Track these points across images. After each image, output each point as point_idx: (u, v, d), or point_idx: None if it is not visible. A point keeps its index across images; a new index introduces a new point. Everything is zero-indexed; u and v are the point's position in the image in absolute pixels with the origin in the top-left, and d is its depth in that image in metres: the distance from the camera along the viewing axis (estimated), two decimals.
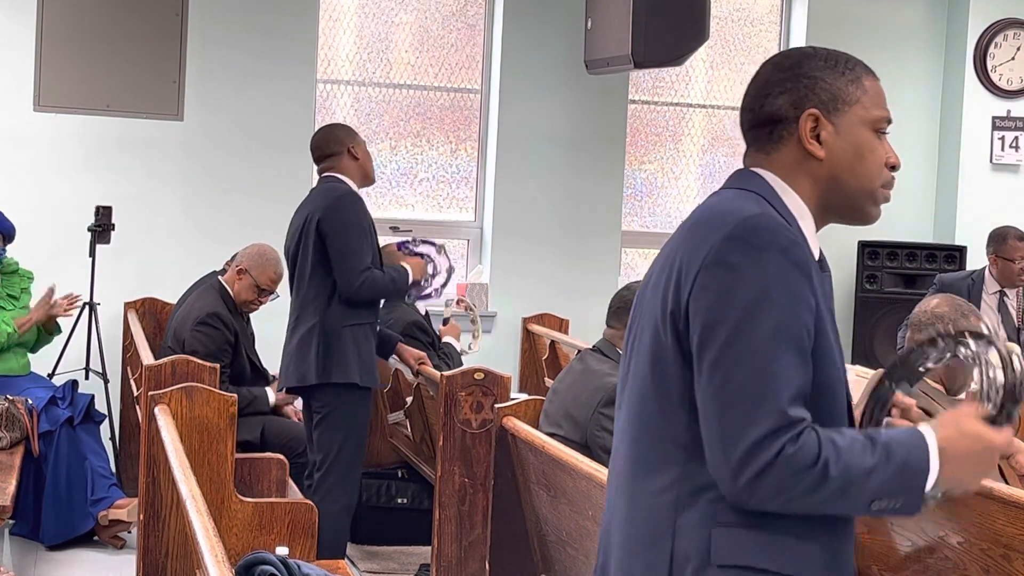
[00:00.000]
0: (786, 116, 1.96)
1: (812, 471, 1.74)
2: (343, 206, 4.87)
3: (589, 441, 3.95)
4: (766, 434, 1.74)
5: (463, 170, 7.46)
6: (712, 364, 1.79)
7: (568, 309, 7.20)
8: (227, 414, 3.99)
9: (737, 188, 1.96)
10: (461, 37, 7.39)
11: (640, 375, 1.92)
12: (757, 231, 1.82)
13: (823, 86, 1.95)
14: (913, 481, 1.79)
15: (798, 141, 1.95)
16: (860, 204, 1.98)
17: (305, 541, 3.64)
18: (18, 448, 5.45)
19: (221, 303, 5.69)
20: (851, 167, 1.95)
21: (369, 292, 4.87)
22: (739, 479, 1.75)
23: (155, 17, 6.69)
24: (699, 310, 1.81)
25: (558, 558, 4.02)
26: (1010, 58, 7.88)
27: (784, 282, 1.79)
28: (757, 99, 1.99)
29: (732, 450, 1.75)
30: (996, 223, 6.90)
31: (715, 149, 7.92)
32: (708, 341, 1.79)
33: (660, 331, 1.87)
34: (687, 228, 1.92)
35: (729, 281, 1.79)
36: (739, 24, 7.87)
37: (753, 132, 2.00)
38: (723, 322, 1.78)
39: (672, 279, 1.87)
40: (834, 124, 1.95)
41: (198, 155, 6.79)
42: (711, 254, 1.82)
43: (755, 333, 1.77)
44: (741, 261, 1.80)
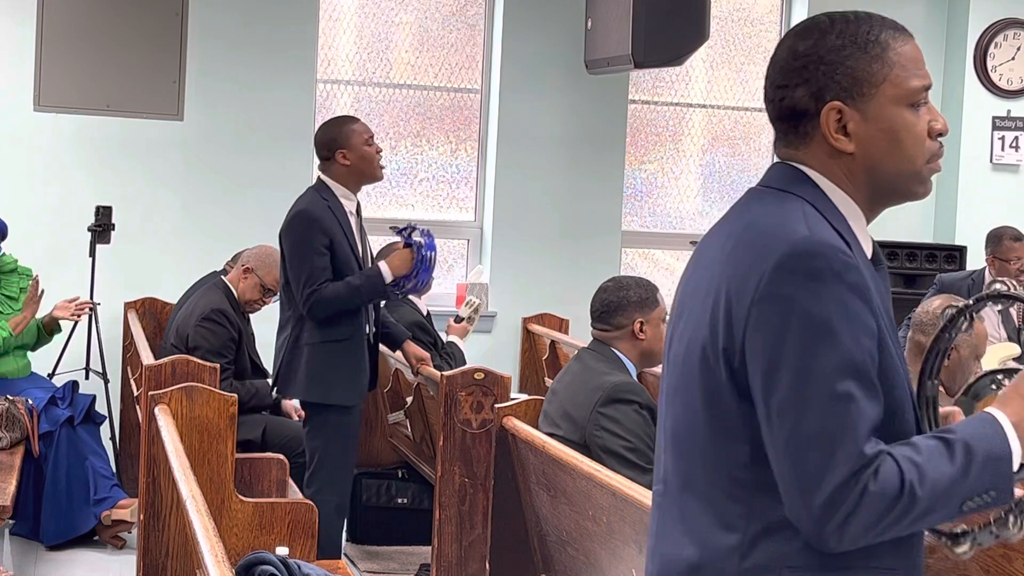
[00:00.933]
0: (807, 109, 1.80)
1: (900, 500, 1.65)
2: (291, 228, 4.83)
3: (588, 441, 3.95)
4: (846, 478, 1.64)
5: (463, 170, 7.46)
6: (779, 408, 1.67)
7: (568, 309, 7.20)
8: (227, 414, 3.99)
9: (780, 190, 1.82)
10: (461, 37, 7.39)
11: (690, 407, 1.80)
12: (808, 257, 1.68)
13: (843, 71, 1.78)
14: (1001, 469, 1.70)
15: (824, 136, 1.80)
16: (906, 187, 1.83)
17: (305, 541, 3.64)
18: (18, 448, 5.45)
19: (226, 301, 5.71)
20: (886, 154, 1.80)
21: (324, 309, 4.76)
22: (826, 527, 1.65)
23: (155, 17, 6.69)
24: (757, 350, 1.69)
25: (558, 558, 4.02)
26: (1010, 58, 7.88)
27: (843, 311, 1.67)
28: (777, 90, 1.83)
29: (813, 499, 1.65)
30: (996, 223, 6.91)
31: (715, 149, 7.91)
32: (772, 383, 1.67)
33: (712, 366, 1.75)
34: (730, 250, 1.77)
35: (785, 316, 1.67)
36: (739, 24, 7.87)
37: (779, 124, 1.85)
38: (785, 362, 1.66)
39: (720, 311, 1.74)
40: (861, 111, 1.78)
41: (198, 155, 6.79)
42: (762, 287, 1.69)
43: (820, 372, 1.65)
44: (795, 293, 1.67)
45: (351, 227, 4.93)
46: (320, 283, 4.76)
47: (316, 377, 4.82)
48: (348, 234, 4.89)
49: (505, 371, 4.83)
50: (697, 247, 1.93)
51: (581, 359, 4.22)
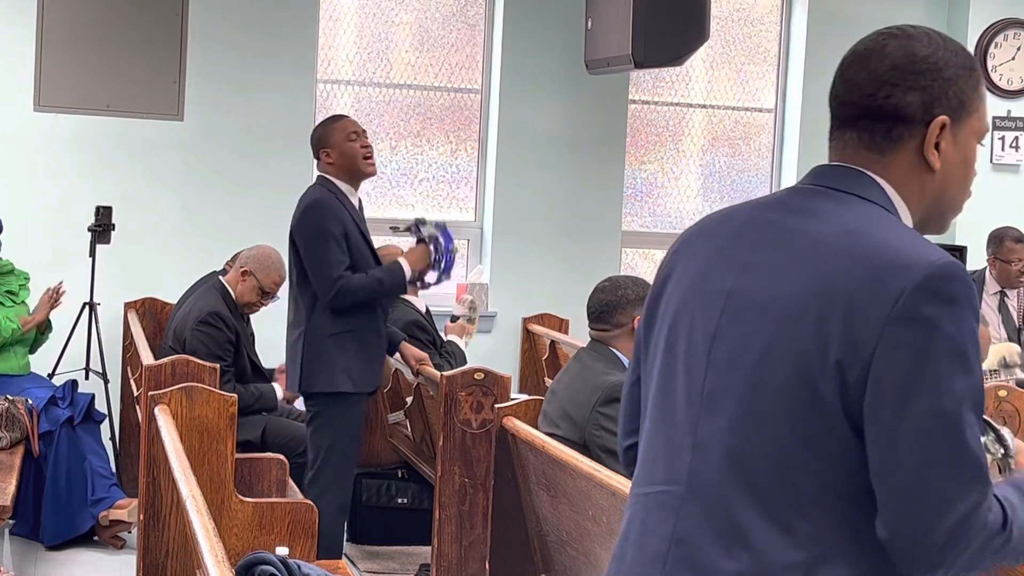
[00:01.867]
0: (913, 116, 1.74)
1: (1002, 535, 1.64)
2: (308, 217, 4.83)
3: (587, 440, 3.95)
4: (973, 507, 1.61)
5: (463, 170, 7.46)
6: (911, 432, 1.61)
7: (568, 309, 7.19)
8: (227, 414, 3.99)
9: (855, 195, 1.75)
10: (461, 37, 7.39)
11: (761, 416, 1.70)
12: (951, 281, 1.63)
13: (955, 90, 1.75)
14: None
15: (917, 147, 1.75)
16: (947, 217, 1.83)
17: (305, 541, 3.64)
18: (18, 448, 5.46)
19: (222, 303, 5.69)
20: (957, 181, 1.79)
21: (347, 299, 4.80)
22: (947, 555, 1.61)
23: (155, 17, 6.69)
24: (889, 369, 1.62)
25: (558, 558, 4.02)
26: (1010, 58, 7.88)
27: (974, 338, 1.64)
28: (881, 85, 1.75)
29: (937, 526, 1.61)
30: (996, 223, 6.90)
31: (715, 149, 7.91)
32: (904, 406, 1.61)
33: (814, 379, 1.66)
34: (833, 254, 1.69)
35: (927, 340, 1.61)
36: (739, 24, 7.87)
37: (865, 122, 1.77)
38: (923, 386, 1.61)
39: (834, 323, 1.65)
40: (954, 134, 1.76)
41: (198, 155, 6.79)
42: (900, 306, 1.62)
43: (957, 399, 1.61)
44: (938, 317, 1.61)
45: (361, 218, 4.97)
46: (343, 270, 4.79)
47: (342, 366, 4.84)
48: (360, 224, 4.94)
49: (505, 371, 4.83)
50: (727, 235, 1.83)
51: (580, 359, 4.22)
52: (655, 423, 1.85)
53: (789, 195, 1.82)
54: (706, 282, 1.80)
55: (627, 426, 2.00)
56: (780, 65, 7.91)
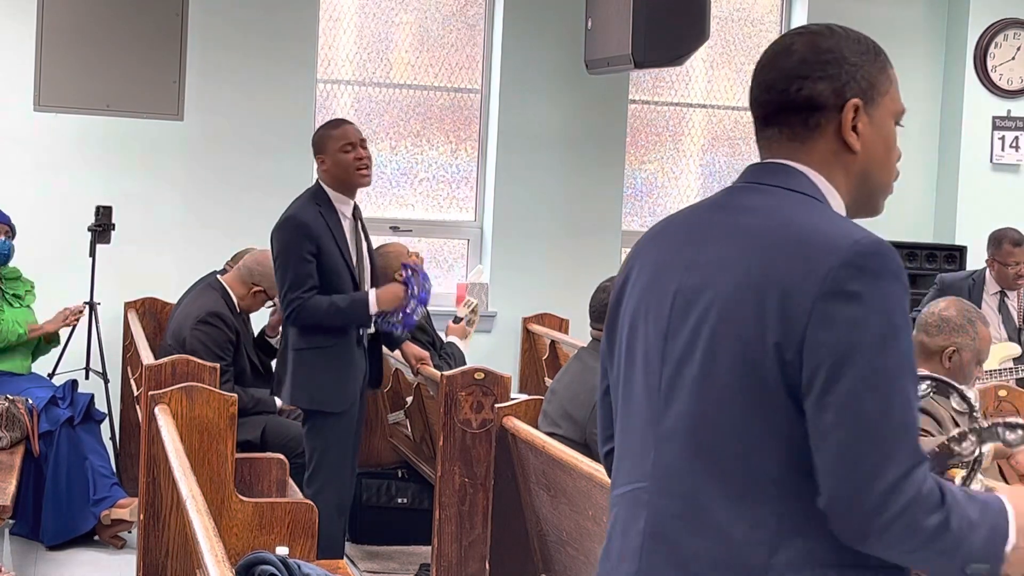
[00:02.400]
0: (826, 103, 1.83)
1: (938, 513, 1.66)
2: (280, 232, 4.83)
3: (588, 440, 3.95)
4: (905, 472, 1.66)
5: (463, 170, 7.46)
6: (842, 402, 1.67)
7: (568, 309, 7.19)
8: (227, 414, 3.99)
9: (782, 188, 1.84)
10: (461, 37, 7.39)
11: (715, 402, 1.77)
12: (875, 256, 1.71)
13: (863, 73, 1.84)
14: (999, 545, 1.71)
15: (835, 132, 1.84)
16: (878, 198, 1.91)
17: (305, 541, 3.64)
18: (18, 448, 5.46)
19: (222, 302, 5.69)
20: (881, 162, 1.87)
21: (302, 319, 4.75)
22: (873, 522, 1.66)
23: (155, 17, 6.69)
24: (822, 345, 1.69)
25: (558, 558, 4.02)
26: (1010, 58, 7.88)
27: (902, 310, 1.71)
28: (791, 80, 1.85)
29: (869, 491, 1.65)
30: (996, 223, 6.90)
31: (715, 149, 7.92)
32: (836, 378, 1.67)
33: (757, 363, 1.73)
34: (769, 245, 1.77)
35: (854, 313, 1.68)
36: (739, 24, 7.87)
37: (782, 116, 1.86)
38: (853, 358, 1.67)
39: (773, 308, 1.72)
40: (869, 115, 1.85)
41: (198, 155, 6.79)
42: (828, 283, 1.69)
43: (887, 368, 1.67)
44: (864, 291, 1.69)
45: (343, 233, 4.87)
46: (304, 290, 4.73)
47: (303, 382, 4.82)
48: (340, 241, 4.84)
49: (505, 371, 4.83)
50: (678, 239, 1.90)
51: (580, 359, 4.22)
52: (622, 426, 1.94)
53: (726, 194, 1.91)
54: (656, 286, 1.89)
55: (604, 432, 2.08)
56: None
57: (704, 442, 1.78)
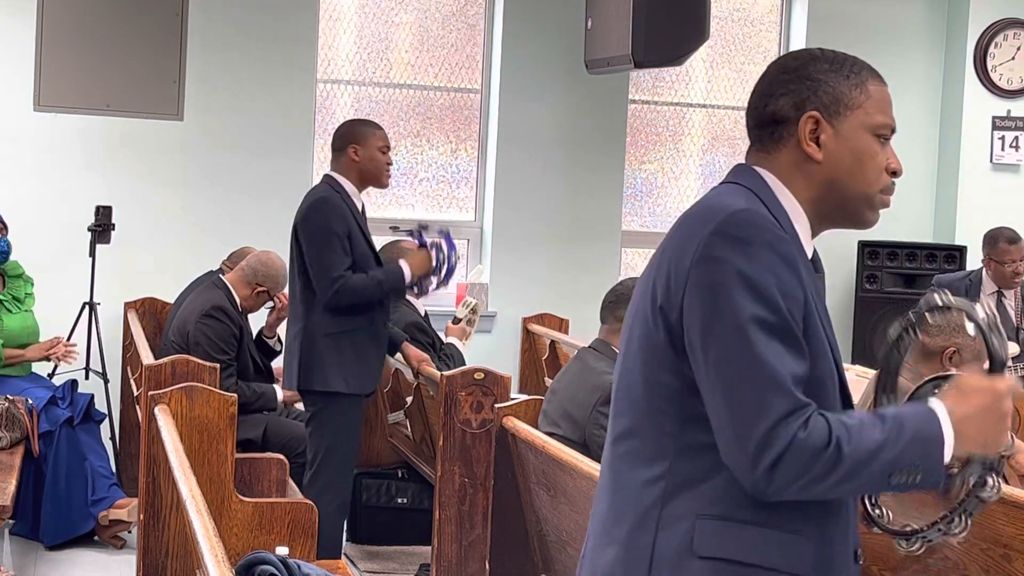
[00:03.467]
0: (787, 117, 1.97)
1: (826, 452, 1.76)
2: (314, 214, 4.84)
3: (588, 440, 3.95)
4: (778, 419, 1.76)
5: (463, 170, 7.46)
6: (715, 360, 1.81)
7: (568, 309, 7.20)
8: (227, 414, 3.99)
9: (731, 183, 1.99)
10: (461, 37, 7.39)
11: (631, 369, 1.95)
12: (743, 225, 1.84)
13: (826, 89, 1.96)
14: (929, 450, 1.81)
15: (797, 142, 1.96)
16: (856, 209, 1.99)
17: (305, 541, 3.64)
18: (18, 448, 5.45)
19: (225, 299, 5.70)
20: (849, 172, 1.96)
21: (346, 299, 4.80)
22: (757, 468, 1.77)
23: (155, 17, 6.69)
24: (692, 306, 1.84)
25: (558, 558, 4.02)
26: (1010, 58, 7.88)
27: (772, 274, 1.82)
28: (761, 99, 2.00)
29: (747, 441, 1.77)
30: (996, 223, 6.90)
31: (715, 149, 7.92)
32: (706, 337, 1.82)
33: (650, 325, 1.90)
34: (677, 224, 1.96)
35: (718, 275, 1.82)
36: (739, 24, 7.87)
37: (755, 131, 2.02)
38: (717, 317, 1.81)
39: (662, 273, 1.90)
40: (834, 127, 1.95)
41: (198, 155, 6.79)
42: (699, 249, 1.85)
43: (750, 324, 1.79)
44: (728, 255, 1.82)
45: (365, 221, 4.98)
46: (345, 269, 4.80)
47: (338, 367, 4.84)
48: (363, 227, 4.94)
49: (505, 371, 4.83)
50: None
51: (581, 359, 4.22)
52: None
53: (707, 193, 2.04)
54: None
55: None
56: None
57: (629, 407, 1.96)
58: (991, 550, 2.77)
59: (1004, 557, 2.75)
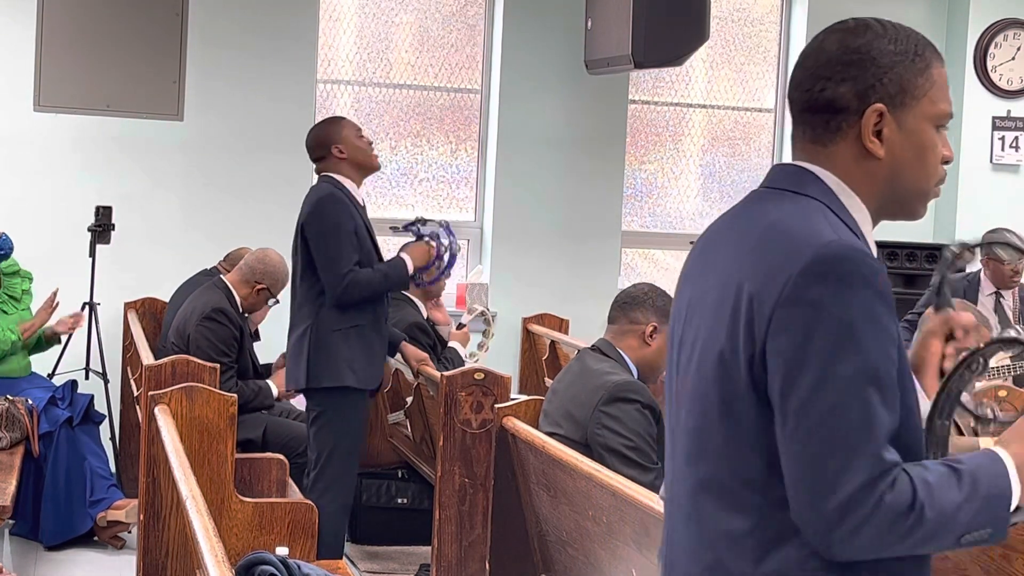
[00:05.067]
0: (848, 107, 1.78)
1: (910, 516, 1.64)
2: (322, 210, 4.85)
3: (589, 440, 3.95)
4: (864, 483, 1.63)
5: (463, 170, 7.46)
6: (798, 410, 1.66)
7: (568, 309, 7.20)
8: (227, 414, 3.99)
9: (794, 192, 1.80)
10: (461, 37, 7.39)
11: (706, 413, 1.78)
12: (839, 261, 1.67)
13: (892, 77, 1.78)
14: (1000, 509, 1.70)
15: (857, 136, 1.78)
16: (913, 203, 1.85)
17: (305, 541, 3.64)
18: (18, 448, 5.46)
19: (225, 300, 5.70)
20: (911, 167, 1.80)
21: (356, 293, 4.82)
22: (836, 532, 1.64)
23: (155, 17, 6.69)
24: (780, 352, 1.67)
25: (558, 558, 4.02)
26: (1010, 58, 7.88)
27: (870, 317, 1.66)
28: (816, 79, 1.80)
29: (826, 502, 1.64)
30: (996, 223, 6.90)
31: (715, 149, 7.92)
32: (792, 386, 1.66)
33: (730, 368, 1.73)
34: (747, 251, 1.76)
35: (811, 320, 1.65)
36: (739, 24, 7.87)
37: (806, 116, 1.82)
38: (808, 365, 1.65)
39: (742, 312, 1.72)
40: (898, 120, 1.78)
41: (198, 155, 6.79)
42: (788, 289, 1.67)
43: (843, 376, 1.64)
44: (823, 297, 1.65)
45: (367, 217, 4.99)
46: (353, 264, 4.82)
47: (347, 362, 4.85)
48: (367, 223, 4.96)
49: (505, 371, 4.83)
50: (698, 249, 1.92)
51: (582, 359, 4.22)
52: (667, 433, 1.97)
53: (746, 200, 1.89)
54: (679, 298, 1.92)
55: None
56: (780, 65, 7.91)
57: (698, 450, 1.80)
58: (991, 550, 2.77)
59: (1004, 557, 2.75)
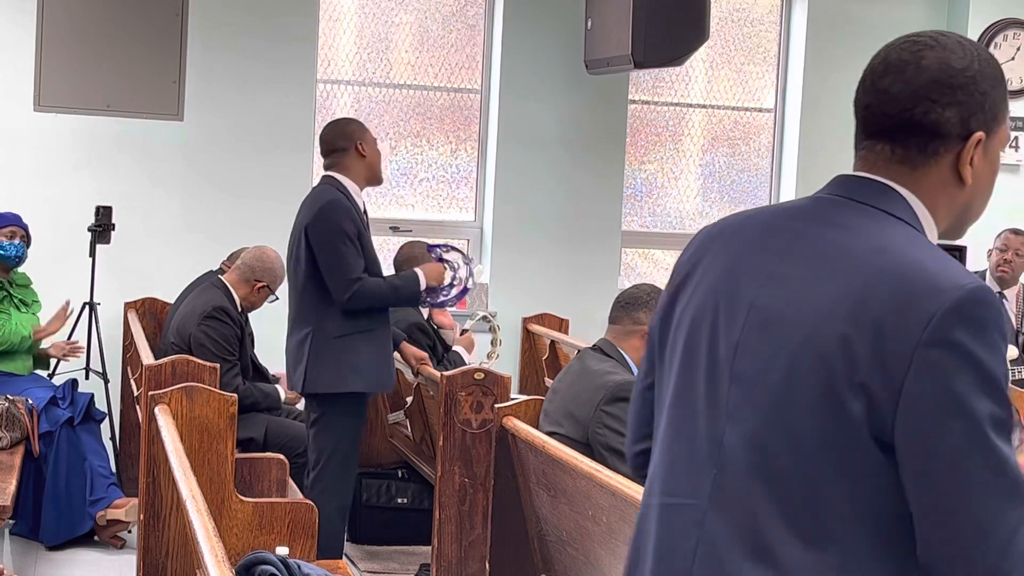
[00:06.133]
0: (951, 133, 1.71)
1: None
2: (328, 215, 4.80)
3: (591, 439, 3.95)
4: (1013, 531, 1.59)
5: (463, 170, 7.46)
6: (945, 455, 1.59)
7: (568, 309, 7.20)
8: (227, 414, 3.99)
9: (884, 211, 1.72)
10: (461, 37, 7.39)
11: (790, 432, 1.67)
12: (982, 307, 1.61)
13: (990, 104, 1.72)
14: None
15: (952, 162, 1.72)
16: (966, 226, 1.83)
17: (305, 541, 3.64)
18: (18, 448, 5.46)
19: (226, 300, 5.71)
20: (984, 192, 1.78)
21: (363, 301, 4.80)
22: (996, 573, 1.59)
23: (155, 17, 6.69)
24: (926, 395, 1.59)
25: (558, 558, 4.02)
26: (1010, 58, 7.88)
27: (1003, 363, 1.62)
28: (919, 99, 1.70)
29: (979, 550, 1.59)
30: (996, 223, 6.92)
31: (715, 149, 7.92)
32: (941, 430, 1.59)
33: (841, 398, 1.62)
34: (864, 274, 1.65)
35: (960, 364, 1.58)
36: (739, 24, 7.87)
37: (901, 136, 1.72)
38: (959, 410, 1.58)
39: (863, 344, 1.62)
40: (985, 147, 1.74)
41: (198, 155, 6.79)
42: (932, 330, 1.59)
43: (988, 422, 1.59)
44: (970, 342, 1.59)
45: (368, 223, 4.98)
46: (360, 271, 4.79)
47: (354, 367, 4.83)
48: (366, 226, 4.95)
49: (505, 371, 4.83)
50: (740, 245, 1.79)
51: (583, 359, 4.22)
52: (674, 432, 1.81)
53: (814, 204, 1.77)
54: (728, 289, 1.76)
55: (639, 431, 1.97)
56: (780, 65, 7.91)
57: (772, 471, 1.68)
58: None
59: None
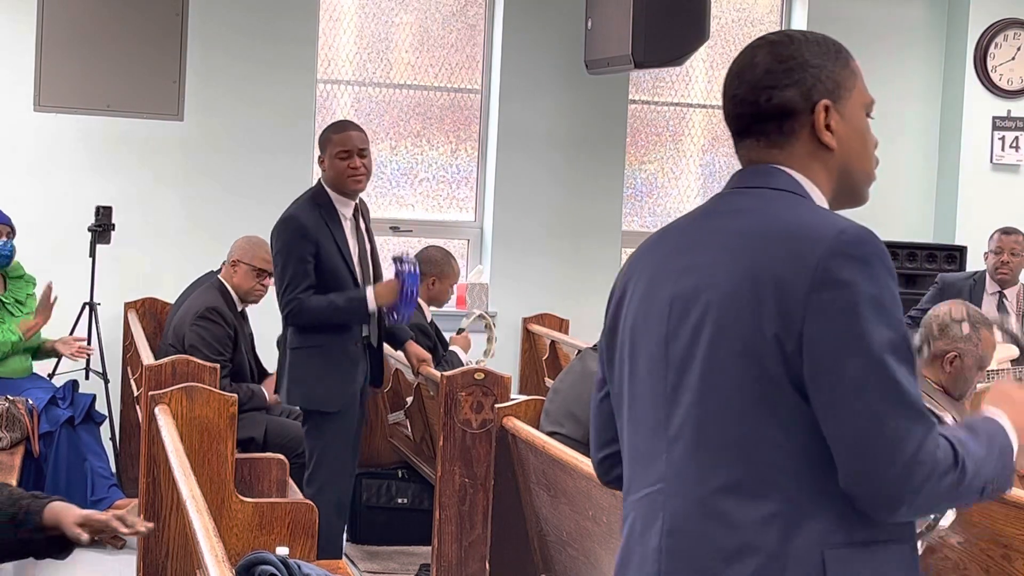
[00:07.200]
0: (797, 108, 1.91)
1: (955, 470, 1.76)
2: (279, 232, 4.84)
3: None
4: (920, 445, 1.74)
5: (463, 170, 7.46)
6: (852, 387, 1.75)
7: (568, 309, 7.20)
8: (227, 414, 3.99)
9: (772, 188, 1.92)
10: (461, 37, 7.39)
11: (723, 401, 1.83)
12: (859, 243, 1.79)
13: (827, 74, 1.92)
14: (1008, 460, 1.85)
15: (810, 133, 1.92)
16: (861, 188, 1.98)
17: (305, 541, 3.64)
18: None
19: (221, 300, 5.70)
20: (858, 153, 1.95)
21: (300, 319, 4.77)
22: (904, 490, 1.74)
23: (155, 17, 6.69)
24: (821, 334, 1.76)
25: (558, 558, 4.02)
26: (1010, 58, 7.88)
27: (891, 292, 1.79)
28: (760, 91, 1.93)
29: (893, 464, 1.74)
30: (996, 223, 6.92)
31: (715, 149, 7.92)
32: (840, 365, 1.75)
33: (761, 358, 1.80)
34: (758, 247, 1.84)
35: (847, 300, 1.76)
36: (739, 24, 7.87)
37: (758, 125, 1.94)
38: (853, 342, 1.75)
39: (769, 302, 1.79)
40: (840, 112, 1.92)
41: (198, 155, 6.79)
42: (819, 273, 1.77)
43: (884, 347, 1.75)
44: (854, 277, 1.76)
45: (343, 233, 4.87)
46: (301, 290, 4.75)
47: (299, 381, 4.84)
48: (339, 241, 4.85)
49: (505, 371, 4.83)
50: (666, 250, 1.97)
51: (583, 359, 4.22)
52: (632, 432, 1.98)
53: (714, 201, 1.98)
54: (652, 294, 1.95)
55: (600, 438, 2.13)
56: None
57: (711, 438, 1.84)
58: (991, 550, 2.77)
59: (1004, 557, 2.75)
